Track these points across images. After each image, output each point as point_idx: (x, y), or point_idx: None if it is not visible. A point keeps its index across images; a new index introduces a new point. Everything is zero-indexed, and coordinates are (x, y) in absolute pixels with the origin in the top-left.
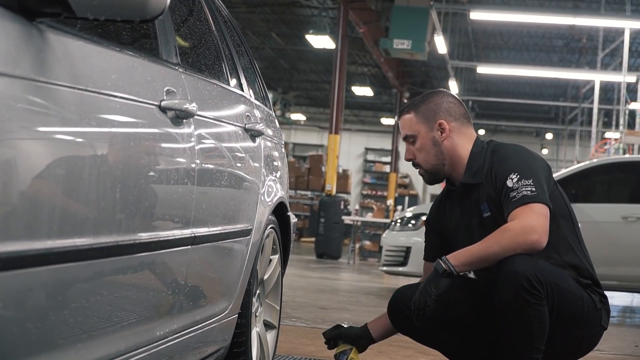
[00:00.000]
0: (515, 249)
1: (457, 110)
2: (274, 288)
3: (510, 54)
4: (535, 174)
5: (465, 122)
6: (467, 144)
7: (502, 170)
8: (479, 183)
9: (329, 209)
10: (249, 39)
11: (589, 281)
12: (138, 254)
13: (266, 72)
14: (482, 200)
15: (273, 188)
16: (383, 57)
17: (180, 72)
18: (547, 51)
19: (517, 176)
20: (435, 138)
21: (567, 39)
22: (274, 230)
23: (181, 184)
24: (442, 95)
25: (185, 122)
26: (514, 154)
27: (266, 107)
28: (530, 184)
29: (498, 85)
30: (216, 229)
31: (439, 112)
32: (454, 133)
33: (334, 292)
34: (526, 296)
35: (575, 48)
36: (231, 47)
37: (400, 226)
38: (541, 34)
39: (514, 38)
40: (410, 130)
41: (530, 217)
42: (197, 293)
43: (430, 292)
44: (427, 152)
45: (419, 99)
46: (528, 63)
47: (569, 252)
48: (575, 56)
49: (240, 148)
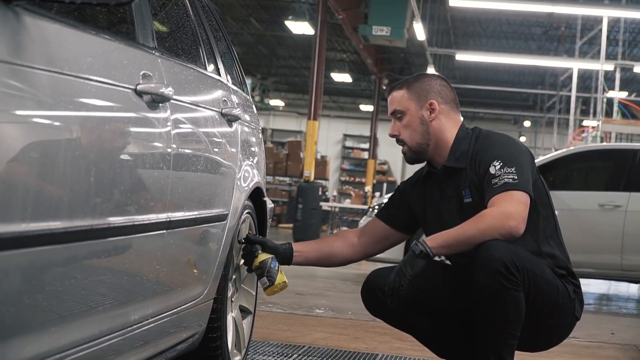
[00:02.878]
0: (492, 234)
1: (448, 95)
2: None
3: (489, 41)
4: (518, 162)
5: (454, 107)
6: (453, 128)
7: (486, 157)
8: (461, 168)
9: (307, 195)
10: (228, 24)
11: (564, 272)
12: (113, 238)
13: (245, 58)
14: (464, 186)
15: (249, 173)
16: (362, 43)
17: (157, 56)
18: (526, 39)
19: (500, 163)
20: (424, 117)
21: (545, 26)
22: (250, 215)
23: (157, 169)
24: (435, 78)
25: (161, 107)
26: (499, 142)
27: (243, 92)
28: (513, 172)
29: (476, 72)
30: (192, 214)
31: (431, 92)
32: (443, 115)
33: (310, 278)
34: (503, 281)
35: (553, 36)
36: (209, 32)
37: None
38: (520, 22)
39: (492, 25)
40: (399, 106)
41: (510, 204)
42: (172, 277)
43: (405, 273)
44: (413, 130)
45: (412, 77)
46: (507, 50)
47: (546, 241)
48: (553, 44)
49: (217, 133)
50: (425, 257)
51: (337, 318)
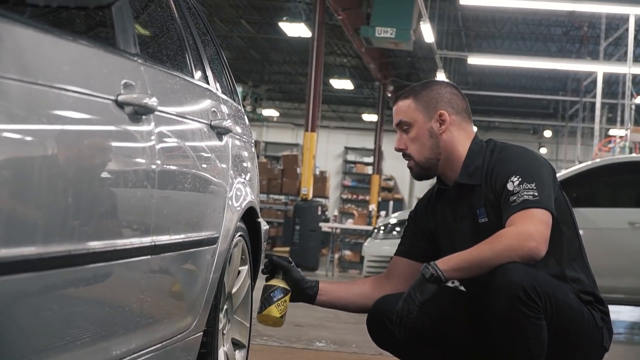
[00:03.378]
0: (510, 256)
1: (460, 104)
2: (243, 303)
3: (504, 43)
4: (538, 177)
5: (466, 117)
6: (465, 140)
7: (503, 172)
8: (475, 185)
9: (305, 215)
10: (216, 26)
11: (590, 297)
12: (92, 265)
13: (235, 64)
14: (479, 205)
15: (242, 191)
16: (364, 46)
17: (139, 63)
18: (545, 40)
19: (519, 179)
20: (433, 129)
21: (566, 26)
22: (243, 239)
23: (140, 187)
24: (444, 85)
25: (144, 119)
26: (517, 155)
27: (234, 102)
28: (533, 188)
29: (491, 77)
30: (179, 237)
31: (441, 102)
32: (454, 127)
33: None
34: (522, 308)
35: (575, 37)
36: (196, 36)
37: (383, 234)
38: (538, 21)
39: (508, 26)
40: (406, 117)
41: (530, 223)
42: (157, 308)
43: (414, 299)
44: (421, 144)
45: (420, 85)
46: (524, 53)
47: (569, 264)
48: (575, 46)
49: (206, 147)
50: (436, 282)
51: (340, 352)
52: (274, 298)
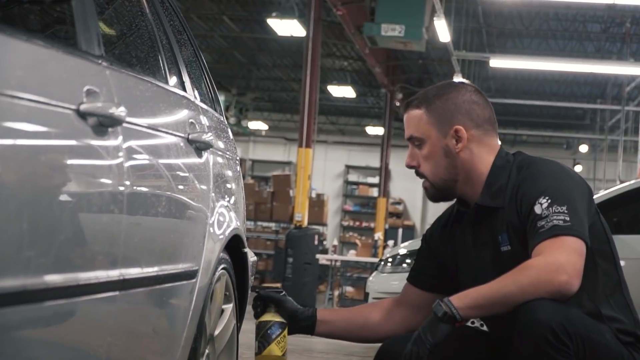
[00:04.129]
0: (537, 292)
1: (481, 114)
2: (227, 347)
3: (532, 42)
4: (571, 199)
5: (489, 129)
6: (488, 156)
7: (530, 192)
8: (498, 207)
9: (299, 246)
10: (194, 24)
11: (630, 338)
12: (51, 302)
13: (216, 68)
14: (501, 230)
15: (225, 217)
16: (368, 47)
17: (105, 67)
18: (581, 39)
19: (548, 201)
20: (449, 147)
21: (605, 22)
22: (227, 272)
23: (106, 212)
24: (463, 91)
25: (110, 132)
26: (547, 172)
27: (216, 112)
28: (564, 212)
29: (517, 83)
30: (151, 270)
31: (457, 115)
32: (473, 143)
33: (306, 354)
34: (550, 352)
35: (616, 34)
36: (170, 36)
37: (391, 267)
38: (572, 17)
39: (537, 22)
40: (417, 132)
41: (560, 253)
42: (127, 352)
43: (425, 341)
44: (435, 163)
45: (434, 91)
46: (555, 54)
47: (606, 301)
48: (616, 45)
49: (183, 165)
50: (450, 321)
51: None
52: (272, 335)
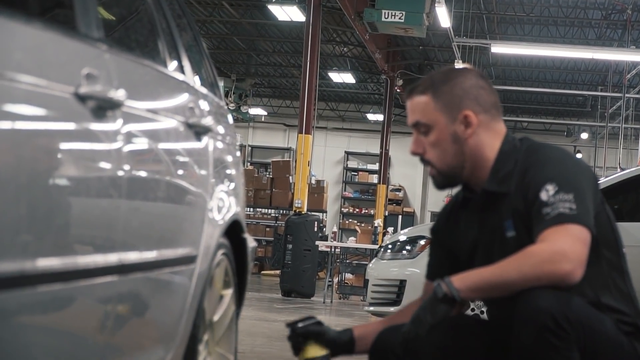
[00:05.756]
0: (539, 279)
1: (487, 99)
2: (226, 333)
3: (533, 29)
4: (578, 187)
5: (495, 114)
6: (495, 141)
7: (537, 178)
8: (506, 192)
9: (299, 232)
10: (194, 10)
11: (631, 329)
12: (48, 287)
13: (216, 54)
14: (507, 216)
15: (225, 202)
16: (368, 33)
17: (104, 50)
18: (582, 26)
19: (555, 188)
20: (457, 133)
21: (607, 9)
22: (227, 258)
23: (105, 197)
24: (468, 76)
25: (109, 115)
26: (554, 158)
27: (215, 97)
28: (571, 200)
29: (518, 70)
30: (150, 255)
31: (465, 99)
32: (482, 129)
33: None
34: (551, 339)
35: (617, 21)
36: (170, 20)
37: (391, 253)
38: (574, 3)
39: (538, 8)
40: (424, 118)
41: (565, 241)
42: (125, 339)
43: (424, 320)
44: (443, 150)
45: (440, 77)
46: (557, 41)
47: (608, 290)
48: (617, 32)
49: (182, 149)
50: (449, 302)
51: None
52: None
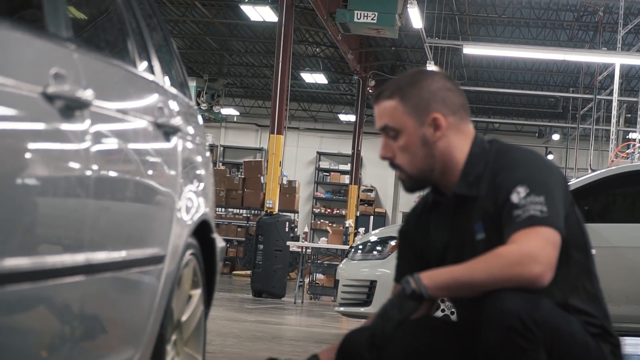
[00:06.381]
0: (508, 281)
1: (455, 100)
2: (195, 333)
3: (505, 30)
4: (549, 189)
5: (464, 115)
6: (464, 143)
7: (508, 180)
8: (475, 196)
9: (270, 233)
10: (166, 10)
11: (598, 330)
12: (13, 287)
13: (188, 54)
14: (477, 218)
15: (193, 202)
16: (341, 33)
17: (72, 50)
18: (554, 27)
19: (526, 190)
20: (426, 137)
21: (579, 11)
22: (195, 258)
23: (72, 196)
24: (435, 79)
25: (78, 115)
26: (525, 160)
27: (185, 97)
28: (542, 202)
29: (490, 71)
30: (118, 255)
31: (433, 102)
32: (451, 131)
33: (275, 341)
34: (519, 341)
35: (589, 23)
36: (140, 20)
37: (362, 254)
38: (546, 5)
39: (510, 10)
40: (392, 122)
41: (535, 244)
42: (92, 339)
43: (391, 316)
44: (413, 154)
45: (406, 80)
46: (529, 43)
47: (576, 292)
48: (589, 34)
49: (151, 149)
50: (417, 299)
51: None
52: None
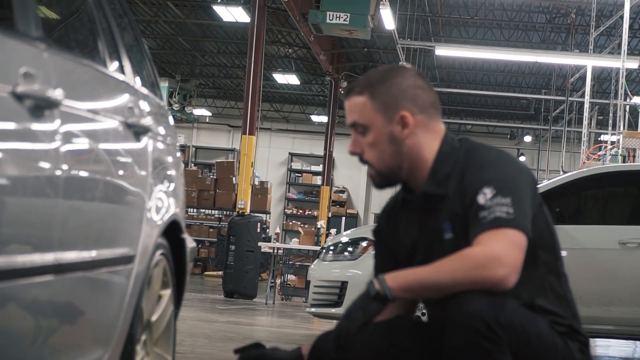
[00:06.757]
0: (473, 284)
1: (425, 98)
2: (164, 333)
3: (477, 32)
4: (516, 190)
5: (434, 114)
6: (434, 141)
7: (475, 181)
8: (444, 195)
9: (242, 233)
10: (138, 10)
11: (566, 329)
12: None
13: (160, 54)
14: (445, 217)
15: (164, 203)
16: (313, 34)
17: (42, 49)
18: (526, 29)
19: (493, 191)
20: (394, 134)
21: (551, 13)
22: (165, 258)
23: (42, 196)
24: (406, 76)
25: (47, 115)
26: (493, 160)
27: (156, 97)
28: (508, 204)
29: (462, 73)
30: (87, 255)
31: (402, 100)
32: (419, 129)
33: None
34: (483, 342)
35: (561, 26)
36: (111, 19)
37: (333, 255)
38: (518, 7)
39: (482, 11)
40: (361, 119)
41: (501, 246)
42: (62, 339)
43: (356, 318)
44: (380, 151)
45: (376, 76)
46: (501, 44)
47: (544, 293)
48: (561, 36)
49: (121, 149)
50: (382, 300)
51: None
52: None
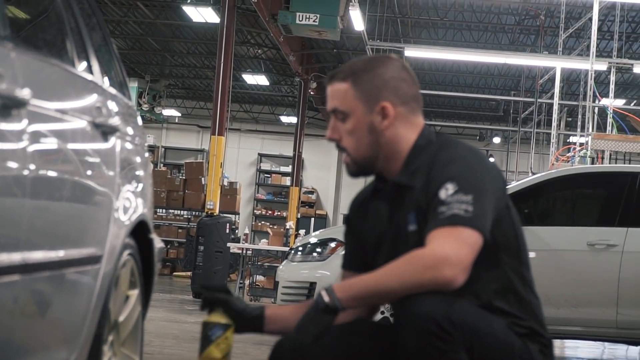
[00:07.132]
0: (421, 286)
1: (408, 90)
2: (132, 334)
3: (447, 33)
4: (479, 188)
5: (415, 107)
6: (411, 134)
7: (440, 175)
8: (412, 186)
9: (211, 234)
10: (107, 9)
11: (526, 331)
12: None
13: (129, 54)
14: (410, 209)
15: (131, 203)
16: (282, 35)
17: (10, 49)
18: (495, 31)
19: (455, 187)
20: (374, 124)
21: (520, 15)
22: (133, 258)
23: (9, 196)
24: (391, 67)
25: (14, 115)
26: (462, 157)
27: (124, 97)
28: (468, 202)
29: (431, 74)
30: (55, 255)
31: (384, 90)
32: (399, 121)
33: None
34: (436, 342)
35: (530, 27)
36: (79, 19)
37: (302, 255)
38: (487, 8)
39: (452, 13)
40: (342, 105)
41: (451, 246)
42: (28, 339)
43: (307, 331)
44: (358, 139)
45: (361, 65)
46: (470, 45)
47: (504, 295)
48: (530, 38)
49: (88, 149)
50: (332, 312)
51: None
52: (212, 337)
